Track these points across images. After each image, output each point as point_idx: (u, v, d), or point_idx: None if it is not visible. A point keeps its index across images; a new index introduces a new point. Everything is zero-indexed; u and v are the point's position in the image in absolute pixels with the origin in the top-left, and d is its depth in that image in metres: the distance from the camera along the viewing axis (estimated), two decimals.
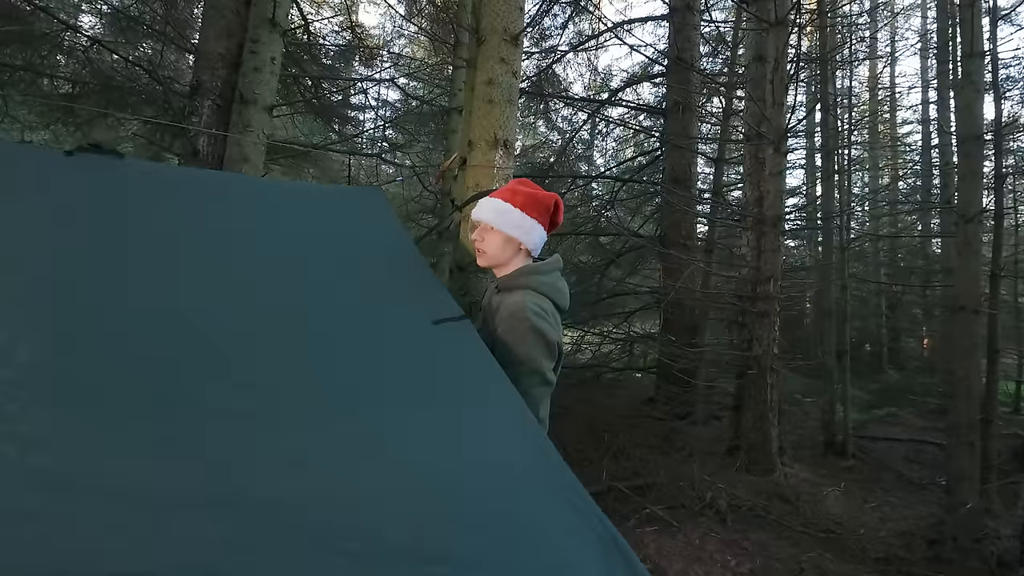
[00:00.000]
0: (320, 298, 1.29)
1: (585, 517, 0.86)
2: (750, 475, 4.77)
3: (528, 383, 1.41)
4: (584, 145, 11.67)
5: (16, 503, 0.65)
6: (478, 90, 2.41)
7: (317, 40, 5.54)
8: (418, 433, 0.95)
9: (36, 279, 1.08)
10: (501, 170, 2.40)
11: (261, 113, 3.34)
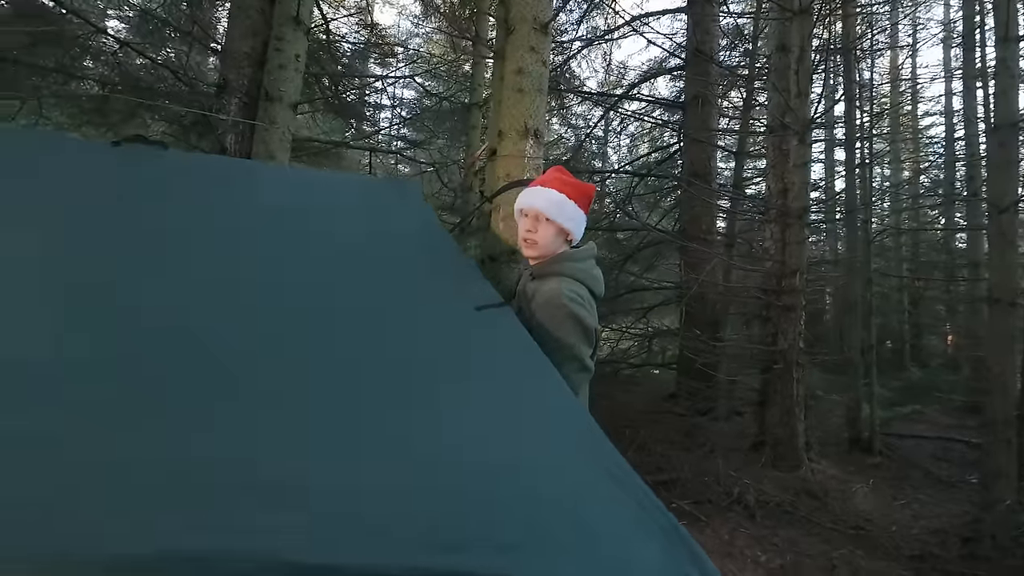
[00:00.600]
0: (362, 289, 1.28)
1: (634, 495, 0.82)
2: (776, 471, 4.67)
3: (567, 369, 1.38)
4: (598, 142, 11.59)
5: (22, 489, 0.62)
6: (507, 79, 2.36)
7: (336, 39, 5.58)
8: (464, 418, 0.92)
9: (82, 262, 1.07)
10: (531, 160, 2.35)
11: (286, 110, 3.34)
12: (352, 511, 0.68)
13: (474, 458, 0.83)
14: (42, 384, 0.76)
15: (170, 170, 1.50)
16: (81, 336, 0.88)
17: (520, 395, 1.03)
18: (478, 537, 0.69)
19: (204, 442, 0.73)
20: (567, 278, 1.49)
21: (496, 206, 2.31)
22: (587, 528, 0.75)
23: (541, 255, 1.58)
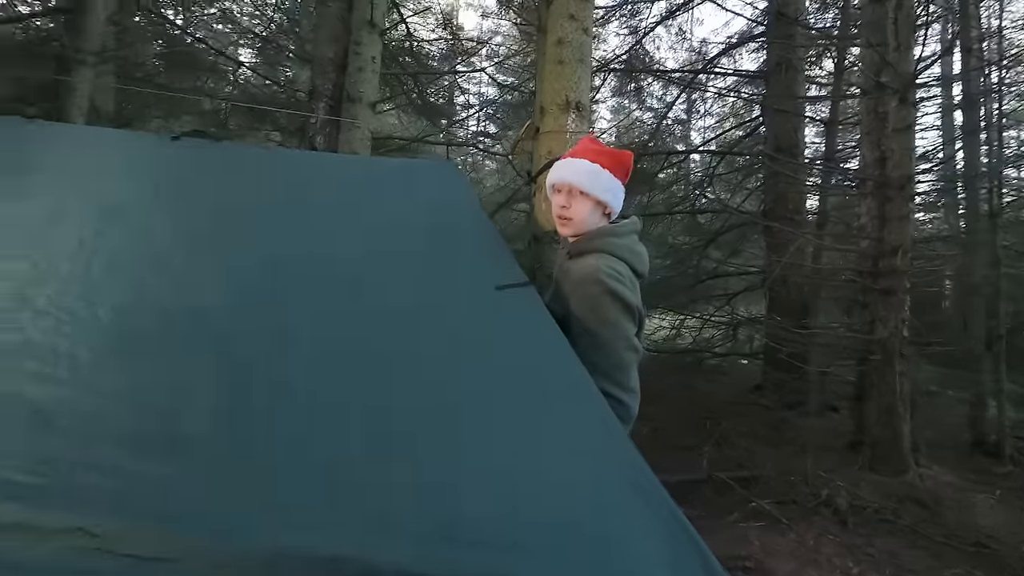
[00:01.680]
0: (387, 268, 1.25)
1: (648, 498, 0.76)
2: (875, 474, 4.11)
3: (614, 348, 1.25)
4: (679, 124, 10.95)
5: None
6: (548, 52, 2.21)
7: (417, 41, 5.77)
8: (471, 407, 0.88)
9: (144, 246, 1.12)
10: (575, 134, 2.19)
11: (366, 109, 3.48)
12: (376, 507, 0.68)
13: (483, 452, 0.79)
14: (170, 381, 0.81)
15: (223, 160, 1.58)
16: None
17: (535, 384, 0.96)
18: (486, 536, 0.66)
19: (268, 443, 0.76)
20: (605, 254, 1.34)
21: (539, 185, 2.18)
22: (598, 537, 0.70)
23: (577, 232, 1.43)
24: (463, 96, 6.89)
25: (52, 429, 0.71)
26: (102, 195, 1.22)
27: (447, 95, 6.40)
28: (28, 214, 1.09)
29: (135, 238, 1.10)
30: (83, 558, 0.59)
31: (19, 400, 0.72)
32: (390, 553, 0.62)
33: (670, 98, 8.39)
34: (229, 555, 0.62)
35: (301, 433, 0.77)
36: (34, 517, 0.62)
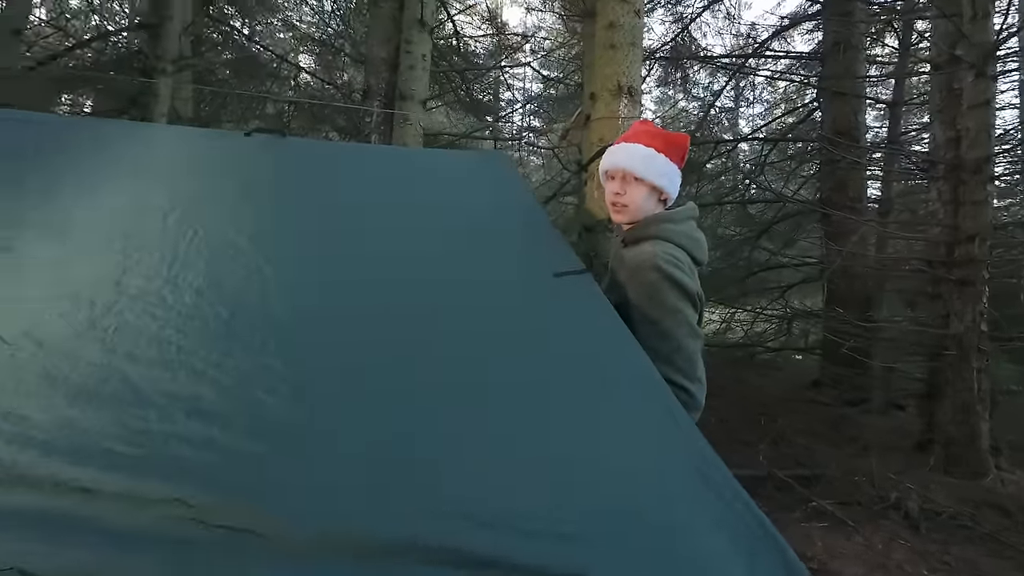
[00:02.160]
0: (443, 263, 1.25)
1: (719, 490, 0.73)
2: (949, 477, 3.82)
3: (676, 335, 1.21)
4: (726, 113, 10.55)
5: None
6: (598, 36, 2.16)
7: (464, 38, 5.86)
8: (532, 400, 0.86)
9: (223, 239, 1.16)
10: (626, 120, 2.14)
11: (417, 107, 3.55)
12: (441, 493, 0.69)
13: (544, 440, 0.78)
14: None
15: (292, 154, 1.65)
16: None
17: (596, 371, 0.94)
18: (547, 525, 0.65)
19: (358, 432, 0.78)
20: (662, 241, 1.30)
21: (590, 174, 2.14)
22: (663, 527, 0.68)
23: (633, 219, 1.39)
24: (508, 92, 6.95)
25: (148, 405, 0.75)
26: (182, 188, 1.29)
27: (492, 91, 6.44)
28: (118, 207, 1.16)
29: (214, 227, 1.15)
30: (180, 527, 0.62)
31: (119, 378, 0.77)
32: (455, 538, 0.63)
33: (717, 86, 8.11)
34: (312, 535, 0.63)
35: (372, 420, 0.79)
36: (135, 487, 0.65)
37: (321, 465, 0.71)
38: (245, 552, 0.62)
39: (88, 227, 1.07)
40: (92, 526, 0.60)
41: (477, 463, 0.74)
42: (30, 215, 1.07)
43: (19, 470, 0.63)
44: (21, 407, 0.69)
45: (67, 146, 1.37)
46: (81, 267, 0.95)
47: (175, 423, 0.74)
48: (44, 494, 0.62)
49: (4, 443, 0.65)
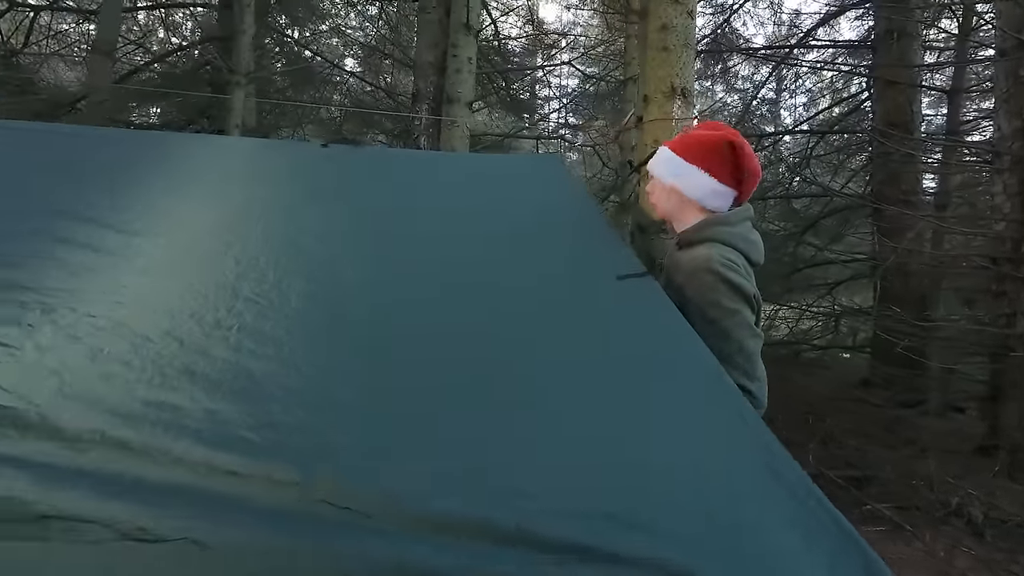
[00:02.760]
0: (508, 267, 1.30)
1: (793, 489, 0.73)
2: (1015, 483, 3.64)
3: (737, 335, 1.22)
4: (766, 105, 10.23)
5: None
6: (651, 39, 2.16)
7: (504, 39, 5.95)
8: (603, 398, 0.89)
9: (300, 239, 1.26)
10: (680, 122, 2.14)
11: (464, 109, 3.64)
12: (511, 482, 0.73)
13: (616, 442, 0.81)
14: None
15: (365, 163, 1.76)
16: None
17: (664, 372, 0.96)
18: (620, 518, 0.67)
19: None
20: (718, 243, 1.31)
21: (644, 176, 2.15)
22: (734, 525, 0.69)
23: (663, 217, 1.48)
24: (546, 90, 6.99)
25: (270, 399, 0.82)
26: (276, 196, 1.39)
27: (529, 90, 6.50)
28: (223, 216, 1.26)
29: (305, 234, 1.24)
30: (312, 507, 0.69)
31: (245, 374, 0.85)
32: (538, 526, 0.66)
33: (759, 77, 7.89)
34: (415, 515, 0.68)
35: (461, 417, 0.84)
36: (271, 472, 0.72)
37: (424, 452, 0.77)
38: (366, 530, 0.68)
39: (202, 236, 1.17)
40: (241, 505, 0.68)
41: (551, 460, 0.77)
42: (145, 225, 1.18)
43: (176, 454, 0.71)
44: (171, 398, 0.78)
45: (161, 159, 1.49)
46: (203, 273, 1.04)
47: (294, 415, 0.81)
48: (199, 476, 0.70)
49: (162, 430, 0.74)
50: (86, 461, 0.69)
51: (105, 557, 0.61)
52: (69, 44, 5.06)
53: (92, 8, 4.51)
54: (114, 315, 0.91)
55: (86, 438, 0.71)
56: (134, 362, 0.83)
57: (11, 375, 0.77)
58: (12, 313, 0.88)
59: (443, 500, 0.70)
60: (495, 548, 0.66)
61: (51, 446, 0.70)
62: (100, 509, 0.63)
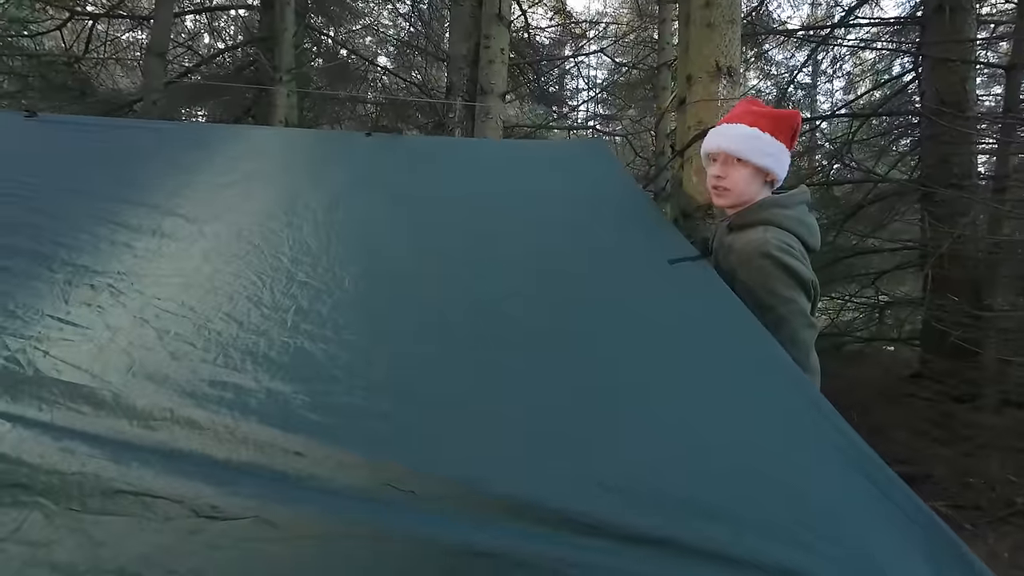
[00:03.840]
0: (557, 250, 1.27)
1: (884, 488, 0.69)
2: None
3: (791, 325, 1.15)
4: (804, 90, 9.84)
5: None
6: (694, 16, 2.07)
7: (535, 30, 5.95)
8: (671, 384, 0.86)
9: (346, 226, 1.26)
10: (726, 102, 2.04)
11: (497, 100, 3.63)
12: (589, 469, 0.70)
13: (690, 429, 0.77)
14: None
15: (408, 152, 1.76)
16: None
17: (730, 359, 0.92)
18: (697, 508, 0.65)
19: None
20: (773, 227, 1.24)
21: (688, 158, 2.07)
22: (822, 514, 0.65)
23: (736, 204, 1.34)
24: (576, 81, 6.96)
25: (330, 379, 0.81)
26: (324, 184, 1.40)
27: (558, 81, 6.46)
28: (276, 203, 1.27)
29: (354, 218, 1.24)
30: (376, 489, 0.67)
31: (303, 354, 0.84)
32: (609, 514, 0.64)
33: (795, 62, 7.57)
34: (485, 498, 0.66)
35: (523, 399, 0.82)
36: (333, 453, 0.71)
37: (489, 436, 0.75)
38: (430, 514, 0.66)
39: (257, 222, 1.18)
40: (307, 484, 0.67)
41: (627, 446, 0.74)
42: (203, 212, 1.20)
43: (242, 434, 0.71)
44: (235, 379, 0.78)
45: (216, 150, 1.51)
46: (259, 258, 1.05)
47: (354, 396, 0.80)
48: (265, 455, 0.69)
49: (227, 409, 0.73)
50: (157, 439, 0.69)
51: (176, 533, 0.60)
52: (123, 49, 5.32)
53: (144, 15, 4.72)
54: (178, 298, 0.92)
55: (157, 416, 0.71)
56: (198, 343, 0.83)
57: (85, 355, 0.79)
58: (84, 295, 0.90)
59: (508, 485, 0.67)
60: (561, 534, 0.63)
61: (124, 423, 0.70)
62: (172, 486, 0.63)
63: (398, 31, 5.94)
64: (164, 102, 3.14)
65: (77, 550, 0.58)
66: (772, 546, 0.60)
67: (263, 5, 3.93)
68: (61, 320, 0.84)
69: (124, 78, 6.05)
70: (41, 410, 0.70)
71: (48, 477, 0.62)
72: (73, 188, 1.19)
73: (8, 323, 0.82)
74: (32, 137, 1.44)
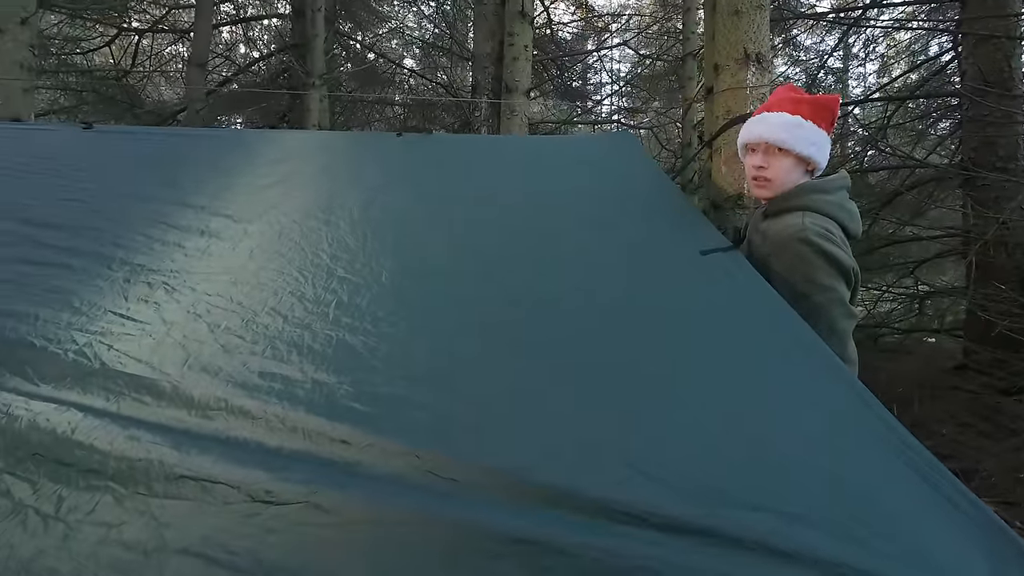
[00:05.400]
0: (591, 243, 1.27)
1: (935, 482, 0.67)
2: None
3: (828, 314, 1.11)
4: (834, 75, 9.47)
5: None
6: (720, 3, 2.01)
7: (557, 26, 5.93)
8: (709, 375, 0.85)
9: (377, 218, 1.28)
10: (755, 90, 1.98)
11: (521, 97, 3.64)
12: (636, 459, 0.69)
13: (736, 421, 0.76)
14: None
15: (438, 149, 1.78)
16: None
17: (765, 349, 0.91)
18: (745, 499, 0.63)
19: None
20: (812, 212, 1.19)
21: (716, 148, 2.02)
22: (875, 512, 0.63)
23: (776, 194, 1.28)
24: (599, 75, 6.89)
25: (372, 370, 0.83)
26: (359, 183, 1.43)
27: (581, 77, 6.41)
28: (315, 202, 1.31)
29: (388, 216, 1.26)
30: (419, 476, 0.68)
31: (345, 346, 0.86)
32: (656, 506, 0.63)
33: (825, 46, 7.29)
34: (526, 487, 0.66)
35: (569, 391, 0.82)
36: (377, 442, 0.72)
37: (530, 425, 0.75)
38: (473, 502, 0.66)
39: (297, 221, 1.21)
40: (354, 471, 0.68)
41: (669, 435, 0.74)
42: (247, 212, 1.24)
43: (292, 422, 0.73)
44: (283, 370, 0.80)
45: (257, 153, 1.56)
46: (300, 255, 1.08)
47: (394, 386, 0.81)
48: (314, 443, 0.71)
49: (276, 399, 0.76)
50: (213, 427, 0.72)
51: (234, 516, 0.63)
52: (167, 62, 5.57)
53: (185, 28, 4.93)
54: (227, 293, 0.96)
55: (212, 406, 0.74)
56: (247, 336, 0.86)
57: (145, 348, 0.83)
58: (141, 292, 0.94)
59: (548, 474, 0.67)
60: (602, 523, 0.63)
61: (183, 413, 0.73)
62: (229, 472, 0.66)
63: (423, 33, 6.02)
64: (206, 111, 3.27)
65: (145, 530, 0.61)
66: (823, 540, 0.58)
67: (295, 13, 4.05)
68: (122, 316, 0.89)
69: (167, 89, 6.33)
70: (108, 400, 0.74)
71: (117, 463, 0.66)
72: (128, 193, 1.25)
73: (75, 319, 0.87)
74: (90, 147, 1.52)
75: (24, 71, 2.63)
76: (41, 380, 0.77)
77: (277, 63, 4.39)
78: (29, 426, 0.70)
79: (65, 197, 1.21)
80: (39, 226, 1.09)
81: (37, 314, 0.87)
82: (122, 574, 0.57)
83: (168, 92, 6.18)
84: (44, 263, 0.99)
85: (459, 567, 0.58)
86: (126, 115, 4.00)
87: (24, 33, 2.65)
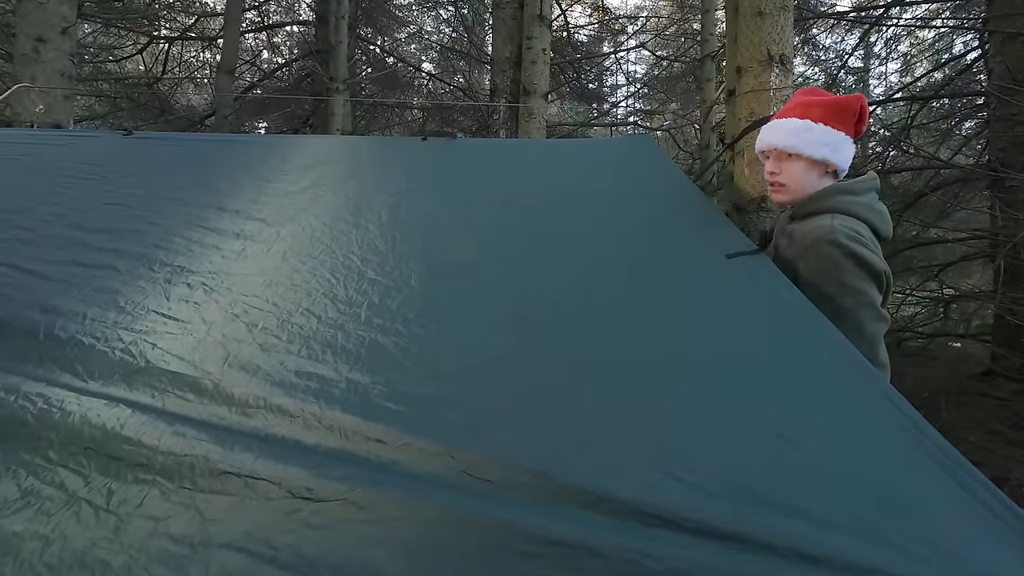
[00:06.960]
0: (614, 245, 1.27)
1: (970, 488, 0.66)
2: None
3: (858, 317, 1.10)
4: (855, 75, 9.28)
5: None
6: (743, 4, 1.99)
7: (575, 29, 5.94)
8: (736, 377, 0.84)
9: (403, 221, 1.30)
10: (779, 91, 1.95)
11: (539, 100, 3.65)
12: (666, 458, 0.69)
13: (759, 420, 0.75)
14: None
15: (461, 153, 1.81)
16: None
17: (795, 353, 0.90)
18: (774, 501, 0.63)
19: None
20: (841, 214, 1.17)
21: (739, 151, 2.00)
22: (911, 517, 0.62)
23: (794, 198, 1.28)
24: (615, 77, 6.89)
25: (403, 369, 0.84)
26: (386, 187, 1.45)
27: (598, 79, 6.41)
28: (345, 205, 1.34)
29: (416, 219, 1.28)
30: (454, 476, 0.68)
31: (377, 347, 0.87)
32: (683, 507, 0.63)
33: (845, 45, 7.15)
34: (558, 488, 0.66)
35: (596, 389, 0.82)
36: (412, 442, 0.73)
37: (557, 427, 0.75)
38: (507, 502, 0.66)
39: (329, 224, 1.24)
40: (390, 470, 0.69)
41: (701, 439, 0.73)
42: (281, 216, 1.27)
43: (328, 421, 0.74)
44: (318, 369, 0.82)
45: (289, 158, 1.60)
46: (332, 257, 1.10)
47: (425, 386, 0.82)
48: (350, 442, 0.72)
49: (313, 398, 0.77)
50: (253, 425, 0.74)
51: (276, 512, 0.64)
52: (196, 69, 5.73)
53: (213, 36, 5.06)
54: (263, 294, 0.98)
55: (252, 404, 0.76)
56: (283, 336, 0.88)
57: (187, 347, 0.85)
58: (182, 293, 0.97)
59: (580, 476, 0.67)
60: (634, 526, 0.63)
61: (224, 410, 0.75)
62: (270, 469, 0.67)
63: (441, 37, 6.08)
64: (234, 115, 3.34)
65: (191, 524, 0.62)
66: (857, 546, 0.58)
67: (318, 20, 4.12)
68: (164, 315, 0.91)
69: (196, 95, 6.51)
70: (154, 397, 0.76)
71: (164, 458, 0.68)
72: (169, 196, 1.29)
73: (120, 318, 0.89)
74: (131, 152, 1.58)
75: (64, 79, 2.73)
76: (90, 377, 0.79)
77: (300, 69, 4.48)
78: (81, 421, 0.72)
79: (110, 201, 1.25)
80: (89, 231, 1.13)
81: (86, 313, 0.90)
82: (170, 568, 0.58)
83: (196, 98, 6.36)
84: (92, 265, 1.02)
85: (497, 566, 0.59)
86: (157, 120, 4.13)
87: (65, 43, 2.75)
